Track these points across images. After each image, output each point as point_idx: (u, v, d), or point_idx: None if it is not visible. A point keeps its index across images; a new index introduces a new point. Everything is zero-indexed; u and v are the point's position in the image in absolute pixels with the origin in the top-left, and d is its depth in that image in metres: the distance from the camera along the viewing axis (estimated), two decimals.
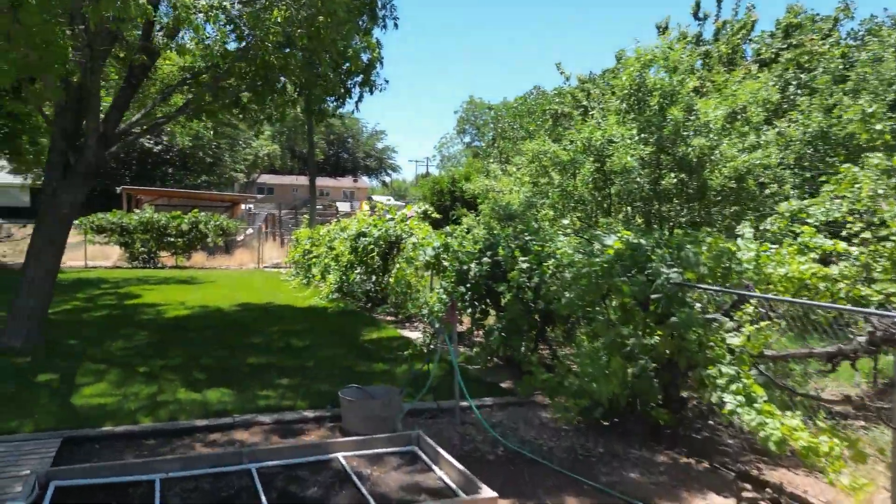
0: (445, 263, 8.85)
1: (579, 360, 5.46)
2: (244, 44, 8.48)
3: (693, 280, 5.10)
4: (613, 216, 9.01)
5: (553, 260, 7.09)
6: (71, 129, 8.36)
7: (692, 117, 9.64)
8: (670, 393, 5.26)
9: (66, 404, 6.02)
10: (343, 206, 68.05)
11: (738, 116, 10.30)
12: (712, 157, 9.19)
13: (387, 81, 10.11)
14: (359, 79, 10.01)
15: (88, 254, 20.86)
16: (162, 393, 6.42)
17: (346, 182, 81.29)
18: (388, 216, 12.84)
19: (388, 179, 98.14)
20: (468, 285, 7.96)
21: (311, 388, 6.68)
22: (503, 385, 7.05)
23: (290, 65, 9.02)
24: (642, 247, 5.44)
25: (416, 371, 7.19)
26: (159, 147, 39.53)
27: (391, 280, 11.33)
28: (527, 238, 7.82)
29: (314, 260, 15.71)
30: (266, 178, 71.80)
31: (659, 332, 5.04)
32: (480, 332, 8.16)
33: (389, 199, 79.94)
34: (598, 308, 5.69)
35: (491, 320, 8.10)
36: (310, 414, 5.88)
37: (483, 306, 8.02)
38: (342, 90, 10.05)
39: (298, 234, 18.09)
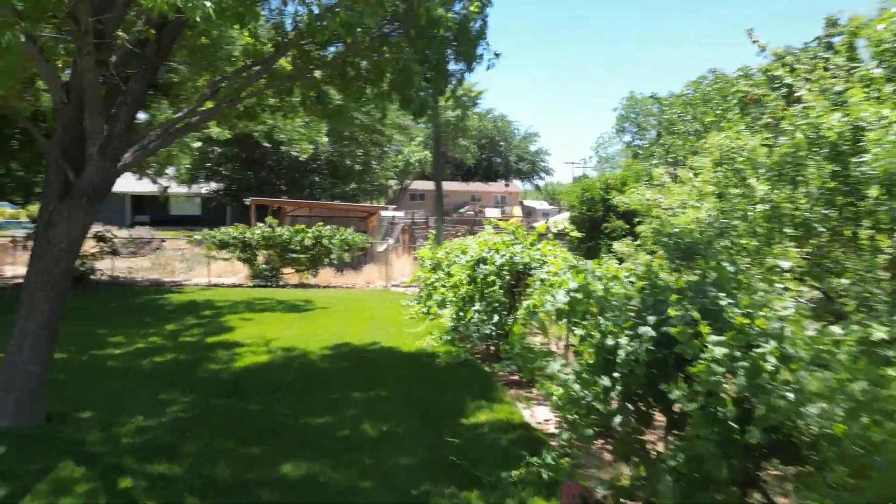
0: (582, 331, 5.76)
1: None
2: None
3: None
4: (864, 251, 5.45)
5: (773, 345, 3.86)
6: (70, 138, 6.32)
7: None
8: None
9: None
10: (493, 213, 65.79)
11: None
12: None
13: (497, 55, 7.21)
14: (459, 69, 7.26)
15: (217, 269, 19.92)
16: None
17: (497, 187, 79.04)
18: (514, 237, 9.89)
19: (541, 183, 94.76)
20: (616, 374, 4.82)
21: None
22: None
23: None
24: None
25: None
26: (305, 156, 39.31)
27: (511, 331, 8.39)
28: (719, 296, 4.55)
29: (436, 285, 13.11)
30: (418, 185, 71.35)
31: None
32: (634, 462, 4.94)
33: (542, 204, 76.54)
34: None
35: (656, 440, 4.89)
36: None
37: (641, 411, 4.82)
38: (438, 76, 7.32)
39: (421, 252, 15.65)
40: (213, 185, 43.24)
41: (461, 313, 10.52)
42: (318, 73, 8.16)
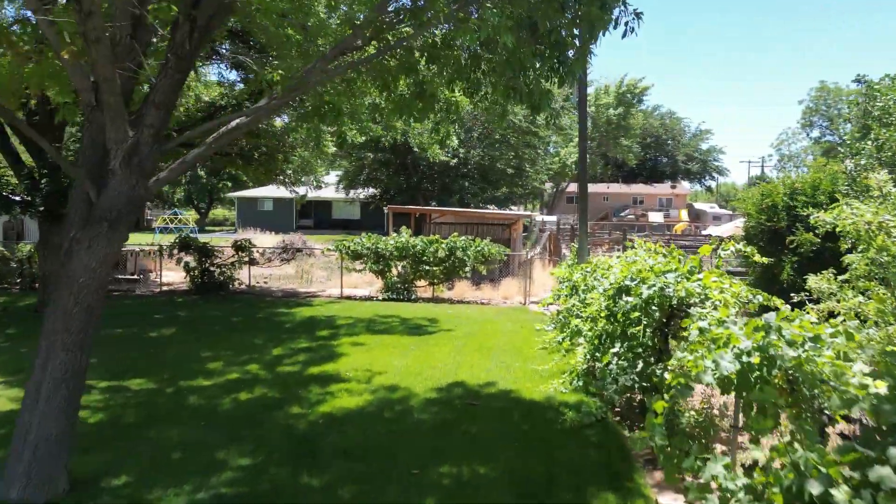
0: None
1: None
2: None
3: None
4: None
5: None
6: (97, 149, 5.23)
7: None
8: None
9: None
10: (656, 217, 61.25)
11: None
12: None
13: (638, 16, 5.15)
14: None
15: (351, 280, 19.22)
16: None
17: (661, 188, 73.86)
18: (666, 259, 7.68)
19: (713, 184, 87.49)
20: None
21: None
22: None
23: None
24: None
25: None
26: (455, 160, 38.40)
27: (658, 384, 6.29)
28: None
29: (571, 314, 11.09)
30: (574, 187, 68.36)
31: None
32: None
33: (713, 207, 70.15)
34: None
35: None
36: None
37: None
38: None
39: (557, 271, 13.61)
40: (371, 191, 43.78)
41: (597, 354, 8.49)
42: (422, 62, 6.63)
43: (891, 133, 10.35)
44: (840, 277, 6.15)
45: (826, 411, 4.36)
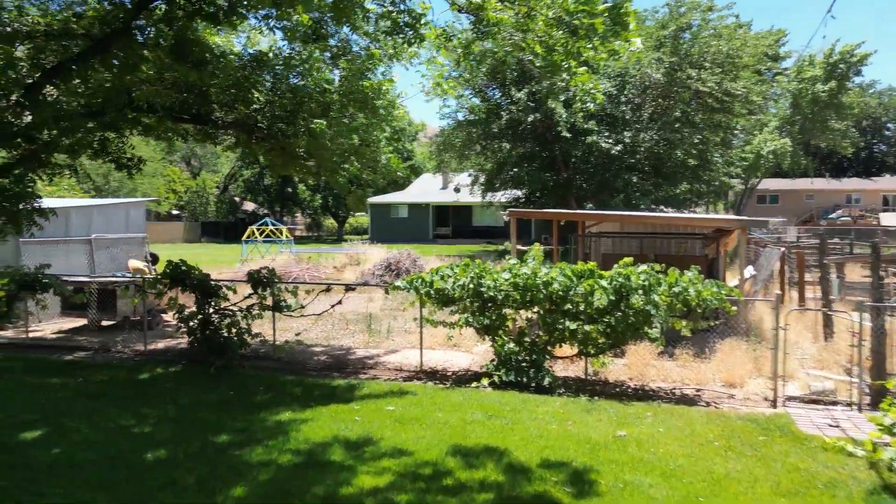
0: None
1: None
2: None
3: None
4: None
5: None
6: None
7: None
8: None
9: None
10: (889, 219, 47.25)
11: None
12: None
13: None
14: None
15: (439, 337, 11.22)
16: None
17: (886, 183, 58.52)
18: None
19: None
20: None
21: None
22: None
23: None
24: None
25: None
26: (619, 147, 29.11)
27: None
28: None
29: None
30: (768, 184, 55.59)
31: None
32: None
33: None
34: None
35: None
36: None
37: None
38: None
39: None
40: (514, 193, 35.62)
41: None
42: None
43: None
44: None
45: None
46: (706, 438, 7.22)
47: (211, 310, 11.13)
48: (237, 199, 68.80)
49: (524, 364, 9.51)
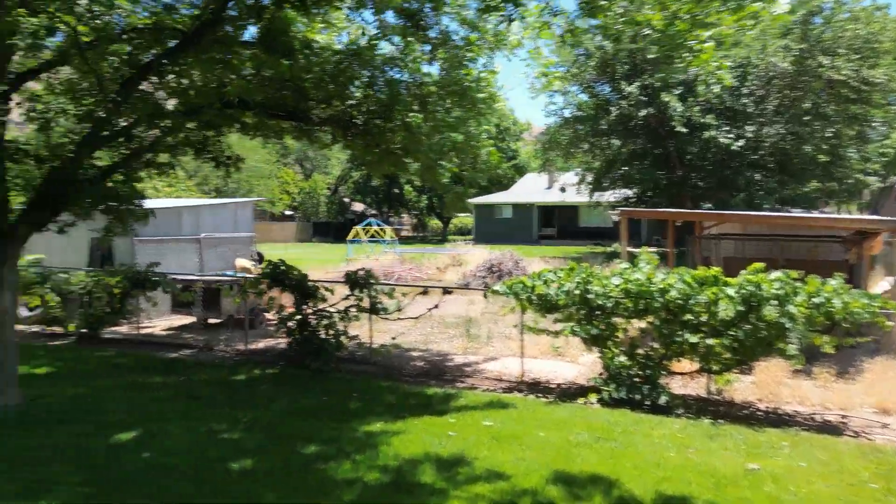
0: None
1: None
2: None
3: None
4: None
5: None
6: None
7: None
8: None
9: None
10: None
11: None
12: None
13: None
14: None
15: (541, 345, 10.47)
16: None
17: None
18: None
19: None
20: None
21: None
22: None
23: None
24: None
25: None
26: (740, 143, 26.98)
27: None
28: None
29: None
30: None
31: None
32: None
33: None
34: None
35: None
36: None
37: None
38: None
39: None
40: (623, 192, 33.99)
41: None
42: None
43: None
44: None
45: None
46: (859, 478, 6.09)
47: (309, 311, 10.96)
48: (346, 199, 70.52)
49: (637, 379, 8.60)
